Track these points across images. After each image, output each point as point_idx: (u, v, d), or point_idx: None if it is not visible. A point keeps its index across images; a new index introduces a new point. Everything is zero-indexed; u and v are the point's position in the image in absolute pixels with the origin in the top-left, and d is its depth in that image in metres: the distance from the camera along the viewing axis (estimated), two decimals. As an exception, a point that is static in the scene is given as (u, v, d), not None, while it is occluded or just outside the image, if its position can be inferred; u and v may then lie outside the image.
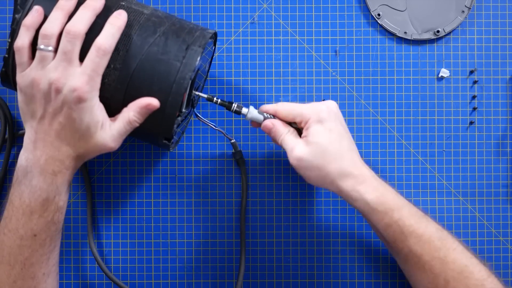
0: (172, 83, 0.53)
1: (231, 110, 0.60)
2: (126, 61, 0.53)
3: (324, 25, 0.68)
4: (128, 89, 0.54)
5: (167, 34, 0.55)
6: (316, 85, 0.68)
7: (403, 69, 0.68)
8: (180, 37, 0.55)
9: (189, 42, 0.55)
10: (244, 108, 0.60)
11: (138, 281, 0.67)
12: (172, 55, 0.54)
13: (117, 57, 0.53)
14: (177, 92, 0.53)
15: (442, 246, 0.55)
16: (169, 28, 0.55)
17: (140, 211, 0.68)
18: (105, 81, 0.54)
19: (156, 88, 0.53)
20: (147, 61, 0.54)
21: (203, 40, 0.55)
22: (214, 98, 0.60)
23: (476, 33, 0.68)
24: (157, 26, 0.55)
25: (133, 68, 0.53)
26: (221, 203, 0.68)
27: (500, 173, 0.68)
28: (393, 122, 0.68)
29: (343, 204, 0.67)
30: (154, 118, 0.54)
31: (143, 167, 0.68)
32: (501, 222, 0.67)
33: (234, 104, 0.60)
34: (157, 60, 0.54)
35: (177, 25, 0.56)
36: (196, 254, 0.68)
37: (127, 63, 0.53)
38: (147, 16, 0.55)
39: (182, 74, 0.53)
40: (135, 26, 0.54)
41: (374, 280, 0.67)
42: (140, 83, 0.54)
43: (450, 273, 0.54)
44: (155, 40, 0.54)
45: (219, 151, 0.68)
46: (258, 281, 0.68)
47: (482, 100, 0.68)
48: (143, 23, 0.55)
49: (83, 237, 0.68)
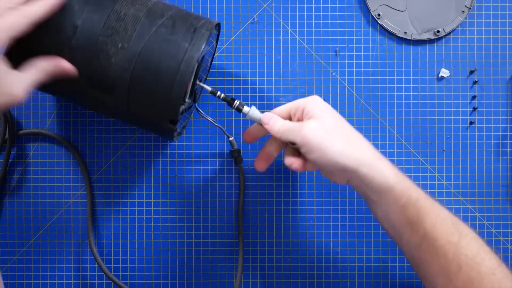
0: (181, 61, 0.53)
1: (233, 106, 0.60)
2: (134, 40, 0.54)
3: (324, 25, 0.68)
4: (135, 68, 0.54)
5: (174, 18, 0.55)
6: (316, 85, 0.68)
7: (403, 69, 0.68)
8: (188, 21, 0.55)
9: (196, 25, 0.55)
10: (245, 107, 0.59)
11: (138, 281, 0.67)
12: (180, 36, 0.54)
13: (125, 37, 0.54)
14: (185, 71, 0.53)
15: (455, 230, 0.53)
16: (176, 13, 0.56)
17: (140, 211, 0.68)
18: (112, 61, 0.54)
19: (164, 66, 0.53)
20: (155, 40, 0.54)
21: (209, 25, 0.56)
22: (217, 92, 0.60)
23: (476, 33, 0.68)
24: (165, 10, 0.56)
25: (141, 47, 0.54)
26: (220, 201, 0.68)
27: (500, 173, 0.68)
28: (393, 122, 0.68)
29: (343, 204, 0.67)
30: (162, 96, 0.54)
31: (143, 167, 0.68)
32: (501, 222, 0.67)
33: (237, 102, 0.60)
34: (166, 40, 0.54)
35: (183, 12, 0.57)
36: (196, 252, 0.68)
37: (135, 42, 0.54)
38: (154, 2, 0.56)
39: (190, 53, 0.54)
40: (143, 9, 0.55)
41: (374, 280, 0.67)
42: (148, 62, 0.54)
43: (464, 258, 0.52)
44: (163, 22, 0.55)
45: (218, 149, 0.68)
46: (258, 281, 0.68)
47: (482, 100, 0.68)
48: (151, 7, 0.55)
49: (83, 237, 0.68)
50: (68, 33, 0.54)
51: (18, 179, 0.68)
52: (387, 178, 0.53)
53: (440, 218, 0.53)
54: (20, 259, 0.68)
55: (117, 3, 0.55)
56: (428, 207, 0.53)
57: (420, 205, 0.53)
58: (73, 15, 0.54)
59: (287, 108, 0.58)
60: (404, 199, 0.53)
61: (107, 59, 0.54)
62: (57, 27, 0.54)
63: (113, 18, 0.54)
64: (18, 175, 0.68)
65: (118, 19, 0.54)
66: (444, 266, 0.52)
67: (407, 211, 0.53)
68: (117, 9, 0.54)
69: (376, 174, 0.53)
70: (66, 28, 0.54)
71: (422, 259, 0.54)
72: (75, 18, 0.54)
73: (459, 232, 0.53)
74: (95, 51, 0.54)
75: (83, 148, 0.68)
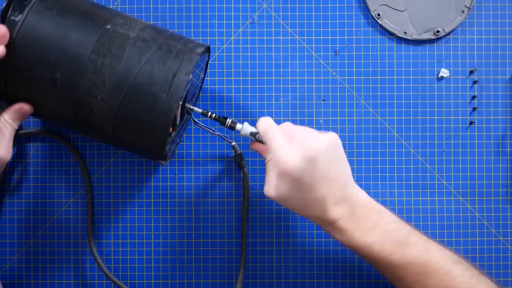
0: (159, 114, 0.54)
1: (225, 125, 0.60)
2: (112, 93, 0.54)
3: (324, 25, 0.68)
4: (117, 119, 0.54)
5: (152, 62, 0.54)
6: (316, 85, 0.68)
7: (403, 69, 0.68)
8: (166, 64, 0.54)
9: (175, 70, 0.54)
10: (238, 124, 0.59)
11: (138, 281, 0.67)
12: (157, 87, 0.53)
13: (104, 89, 0.54)
14: (165, 123, 0.54)
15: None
16: (155, 55, 0.54)
17: (140, 211, 0.68)
18: (94, 112, 0.54)
19: (143, 120, 0.54)
20: (133, 93, 0.54)
21: (190, 65, 0.54)
22: (208, 113, 0.60)
23: (476, 33, 0.68)
24: (143, 52, 0.54)
25: (120, 99, 0.54)
26: (221, 204, 0.68)
27: (500, 173, 0.68)
28: (393, 122, 0.68)
29: (343, 204, 0.67)
30: (145, 143, 0.55)
31: (144, 167, 0.68)
32: (501, 222, 0.67)
33: (229, 120, 0.59)
34: (143, 92, 0.54)
35: (163, 49, 0.55)
36: (196, 254, 0.68)
37: (113, 95, 0.54)
38: (133, 41, 0.55)
39: (168, 106, 0.53)
40: (120, 55, 0.54)
41: (374, 280, 0.67)
42: (128, 114, 0.54)
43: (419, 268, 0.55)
44: (141, 69, 0.54)
45: (220, 153, 0.68)
46: (258, 281, 0.68)
47: (482, 100, 0.68)
48: (129, 51, 0.54)
49: (83, 237, 0.68)
50: (49, 86, 0.54)
51: (18, 179, 0.68)
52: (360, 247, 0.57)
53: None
54: (20, 259, 0.68)
55: (93, 51, 0.54)
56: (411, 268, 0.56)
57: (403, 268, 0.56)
58: (51, 68, 0.54)
59: None
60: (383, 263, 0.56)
61: (89, 110, 0.55)
62: (37, 80, 0.54)
63: (90, 70, 0.54)
64: (18, 175, 0.68)
65: (95, 71, 0.54)
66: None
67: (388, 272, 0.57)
68: (94, 59, 0.54)
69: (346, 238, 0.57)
70: (46, 81, 0.54)
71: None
72: (54, 71, 0.54)
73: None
74: (77, 103, 0.55)
75: (83, 148, 0.68)
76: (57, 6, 0.55)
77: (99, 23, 0.55)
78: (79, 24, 0.54)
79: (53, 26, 0.54)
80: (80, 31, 0.54)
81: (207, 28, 0.68)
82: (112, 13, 0.57)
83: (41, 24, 0.54)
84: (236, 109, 0.68)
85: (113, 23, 0.55)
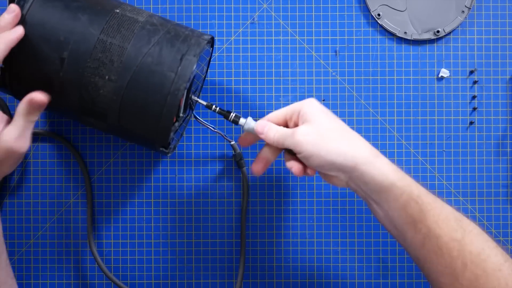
0: (167, 94, 0.53)
1: (229, 119, 0.59)
2: (120, 73, 0.54)
3: (324, 25, 0.68)
4: (123, 100, 0.54)
5: (161, 44, 0.54)
6: (316, 85, 0.68)
7: (403, 69, 0.68)
8: (175, 46, 0.54)
9: (183, 51, 0.54)
10: (242, 119, 0.59)
11: (138, 281, 0.67)
12: (166, 66, 0.54)
13: (112, 69, 0.53)
14: (172, 104, 0.54)
15: (459, 227, 0.52)
16: (163, 37, 0.55)
17: (140, 211, 0.68)
18: (101, 92, 0.54)
19: (150, 100, 0.53)
20: (141, 72, 0.53)
21: (197, 48, 0.55)
22: (213, 106, 0.59)
23: (476, 33, 0.68)
24: (152, 35, 0.55)
25: (127, 79, 0.54)
26: (221, 203, 0.68)
27: (500, 173, 0.68)
28: (393, 122, 0.68)
29: (343, 204, 0.67)
30: (150, 127, 0.55)
31: (143, 167, 0.68)
32: (501, 222, 0.67)
33: (232, 114, 0.59)
34: (151, 71, 0.53)
35: (172, 33, 0.55)
36: (196, 254, 0.68)
37: (121, 75, 0.54)
38: (142, 24, 0.55)
39: (176, 85, 0.53)
40: (129, 36, 0.54)
41: (374, 280, 0.67)
42: (135, 94, 0.54)
43: (468, 255, 0.51)
44: (149, 50, 0.54)
45: (219, 153, 0.68)
46: (258, 281, 0.68)
47: (482, 100, 0.68)
48: (137, 33, 0.54)
49: (83, 237, 0.68)
50: (56, 65, 0.54)
51: (18, 179, 0.68)
52: (387, 176, 0.53)
53: (443, 214, 0.52)
54: (20, 259, 0.68)
55: (102, 31, 0.54)
56: (430, 203, 0.52)
57: (422, 201, 0.52)
58: (59, 47, 0.54)
59: (283, 113, 0.57)
60: (405, 196, 0.52)
61: (95, 91, 0.54)
62: (45, 59, 0.54)
63: (99, 49, 0.54)
64: (18, 175, 0.68)
65: (104, 50, 0.54)
66: (449, 264, 0.51)
67: (409, 209, 0.52)
68: (103, 39, 0.54)
69: (375, 172, 0.53)
70: (53, 60, 0.54)
71: (427, 258, 0.53)
72: (62, 50, 0.54)
73: (463, 229, 0.52)
74: (83, 83, 0.54)
75: (83, 148, 0.68)
76: None
77: (108, 7, 0.55)
78: (89, 7, 0.55)
79: (62, 7, 0.54)
80: (90, 13, 0.54)
81: (207, 28, 0.68)
82: (120, 1, 0.58)
83: (51, 4, 0.54)
84: (236, 109, 0.68)
85: (122, 9, 0.56)
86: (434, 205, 0.52)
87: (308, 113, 0.55)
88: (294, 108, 0.56)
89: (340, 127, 0.55)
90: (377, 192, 0.53)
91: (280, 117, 0.57)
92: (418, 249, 0.53)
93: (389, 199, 0.53)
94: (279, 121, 0.57)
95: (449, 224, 0.52)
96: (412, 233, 0.53)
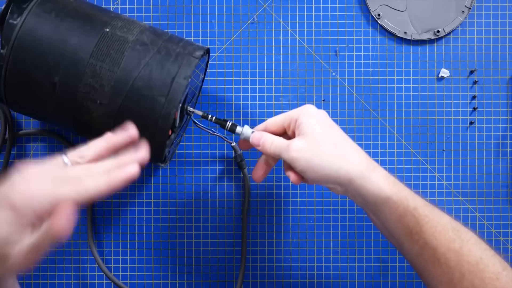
0: (157, 118, 0.53)
1: (225, 128, 0.59)
2: (111, 97, 0.54)
3: (324, 25, 0.68)
4: (116, 122, 0.54)
5: (151, 66, 0.54)
6: (316, 85, 0.68)
7: (403, 69, 0.68)
8: (165, 69, 0.54)
9: (173, 73, 0.54)
10: (238, 127, 0.59)
11: (138, 281, 0.68)
12: (156, 91, 0.53)
13: (103, 93, 0.53)
14: (163, 128, 0.54)
15: (457, 237, 0.52)
16: (153, 58, 0.54)
17: (140, 211, 0.68)
18: (93, 115, 0.54)
19: (142, 123, 0.53)
20: (132, 97, 0.53)
21: (188, 69, 0.54)
22: (208, 116, 0.60)
23: (476, 33, 0.68)
24: (142, 56, 0.54)
25: (119, 104, 0.54)
26: (222, 204, 0.68)
27: (500, 173, 0.68)
28: (393, 122, 0.68)
29: (343, 204, 0.67)
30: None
31: (144, 167, 0.68)
32: (501, 222, 0.67)
33: (229, 123, 0.59)
34: (142, 96, 0.53)
35: (162, 53, 0.55)
36: (196, 254, 0.68)
37: (113, 99, 0.54)
38: (132, 45, 0.55)
39: (166, 110, 0.53)
40: (119, 59, 0.54)
41: (374, 280, 0.67)
42: (128, 117, 0.53)
43: (466, 265, 0.51)
44: (139, 74, 0.54)
45: (220, 154, 0.68)
46: (258, 281, 0.68)
47: (482, 100, 0.68)
48: (127, 55, 0.54)
49: (83, 237, 0.68)
50: (48, 90, 0.54)
51: (18, 179, 0.68)
52: (382, 189, 0.53)
53: (440, 225, 0.52)
54: (20, 259, 0.67)
55: (92, 55, 0.54)
56: (427, 215, 0.53)
57: (419, 214, 0.52)
58: (50, 72, 0.53)
59: (281, 120, 0.57)
60: (401, 209, 0.53)
61: (88, 114, 0.54)
62: (36, 84, 0.54)
63: (89, 74, 0.53)
64: (18, 175, 0.68)
65: (94, 75, 0.53)
66: (447, 274, 0.51)
67: (405, 221, 0.53)
68: (92, 63, 0.53)
69: (369, 186, 0.53)
70: (46, 85, 0.54)
71: (424, 267, 0.53)
72: (53, 75, 0.53)
73: (461, 239, 0.52)
74: (76, 107, 0.54)
75: (83, 148, 0.68)
76: (56, 9, 0.55)
77: (98, 26, 0.55)
78: (78, 27, 0.54)
79: (52, 30, 0.54)
80: (79, 35, 0.54)
81: (207, 28, 0.68)
82: (111, 15, 0.57)
83: (40, 27, 0.53)
84: (236, 109, 0.68)
85: (112, 26, 0.55)
86: (431, 217, 0.53)
87: (303, 124, 0.55)
88: (292, 116, 0.56)
89: (336, 138, 0.55)
90: (373, 204, 0.54)
91: (278, 124, 0.57)
92: (415, 258, 0.54)
93: (385, 211, 0.53)
94: (277, 128, 0.57)
95: (446, 234, 0.52)
96: (409, 244, 0.53)
